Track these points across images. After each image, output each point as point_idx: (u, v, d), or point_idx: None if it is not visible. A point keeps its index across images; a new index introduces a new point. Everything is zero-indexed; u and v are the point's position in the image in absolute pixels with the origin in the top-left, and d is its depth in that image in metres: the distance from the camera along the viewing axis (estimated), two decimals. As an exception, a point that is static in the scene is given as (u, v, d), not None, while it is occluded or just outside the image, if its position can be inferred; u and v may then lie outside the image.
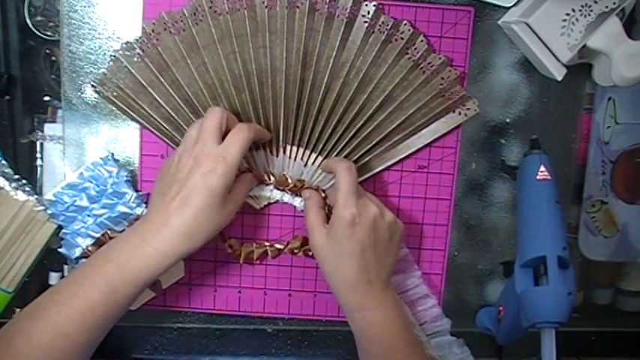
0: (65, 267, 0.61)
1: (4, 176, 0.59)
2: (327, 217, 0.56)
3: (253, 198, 0.60)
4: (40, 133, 0.60)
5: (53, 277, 0.62)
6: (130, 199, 0.58)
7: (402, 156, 0.60)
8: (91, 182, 0.58)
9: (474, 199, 0.63)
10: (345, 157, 0.59)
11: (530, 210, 0.55)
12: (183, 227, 0.49)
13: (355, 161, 0.59)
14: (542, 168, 0.55)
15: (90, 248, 0.57)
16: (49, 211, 0.58)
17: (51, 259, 0.61)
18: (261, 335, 0.63)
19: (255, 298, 0.63)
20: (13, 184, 0.59)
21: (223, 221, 0.51)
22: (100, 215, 0.58)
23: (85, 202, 0.58)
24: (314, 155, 0.59)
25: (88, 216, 0.58)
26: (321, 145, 0.58)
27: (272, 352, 0.65)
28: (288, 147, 0.58)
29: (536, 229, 0.54)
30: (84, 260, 0.57)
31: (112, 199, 0.58)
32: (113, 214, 0.57)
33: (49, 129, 0.60)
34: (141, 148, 0.60)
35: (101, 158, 0.58)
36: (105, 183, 0.58)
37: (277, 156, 0.59)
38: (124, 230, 0.58)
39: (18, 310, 0.62)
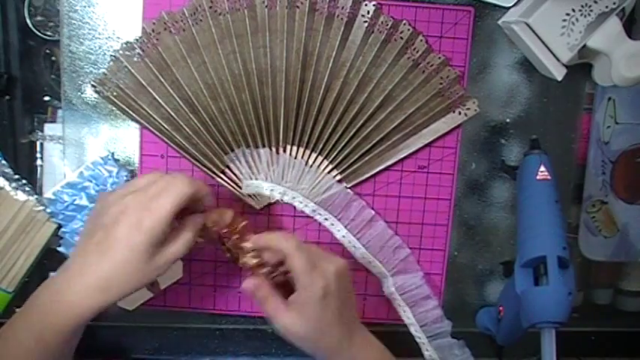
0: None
1: (4, 176, 0.59)
2: (273, 276, 0.53)
3: (253, 198, 0.60)
4: (40, 133, 0.60)
5: (53, 277, 0.62)
6: None
7: (402, 156, 0.60)
8: (91, 182, 0.58)
9: (473, 199, 0.63)
10: (345, 156, 0.59)
11: (530, 210, 0.55)
12: (97, 281, 0.46)
13: (355, 161, 0.59)
14: (542, 168, 0.55)
15: None
16: (48, 210, 0.58)
17: (51, 259, 0.61)
18: (261, 335, 0.63)
19: (255, 298, 0.63)
20: (13, 184, 0.59)
21: (148, 277, 0.47)
22: None
23: (84, 202, 0.58)
24: (314, 155, 0.59)
25: (87, 215, 0.58)
26: (321, 145, 0.58)
27: (272, 352, 0.65)
28: (289, 147, 0.58)
29: (536, 229, 0.54)
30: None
31: None
32: None
33: (49, 129, 0.60)
34: (141, 148, 0.60)
35: (101, 158, 0.59)
36: (105, 182, 0.58)
37: (278, 155, 0.59)
38: None
39: (18, 310, 0.62)
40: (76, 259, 0.48)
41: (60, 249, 0.59)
